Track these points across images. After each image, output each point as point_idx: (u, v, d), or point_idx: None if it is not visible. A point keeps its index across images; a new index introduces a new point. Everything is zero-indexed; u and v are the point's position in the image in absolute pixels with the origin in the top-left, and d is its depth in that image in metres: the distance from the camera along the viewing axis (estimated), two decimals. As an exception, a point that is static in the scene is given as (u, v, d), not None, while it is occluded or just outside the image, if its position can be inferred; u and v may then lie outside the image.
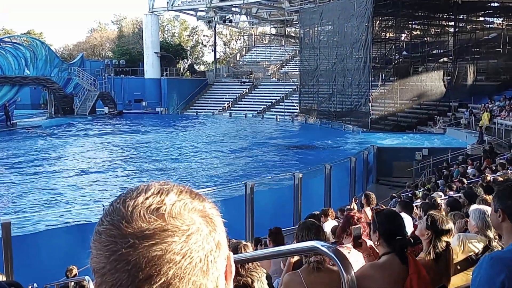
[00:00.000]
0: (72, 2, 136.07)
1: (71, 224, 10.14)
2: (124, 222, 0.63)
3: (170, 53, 52.33)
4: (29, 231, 10.14)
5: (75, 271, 7.18)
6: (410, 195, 11.65)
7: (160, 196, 0.66)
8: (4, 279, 4.96)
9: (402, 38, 36.61)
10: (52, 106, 40.11)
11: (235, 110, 44.59)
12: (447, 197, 7.74)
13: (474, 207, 3.91)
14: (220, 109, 45.30)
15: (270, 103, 44.03)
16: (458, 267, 3.35)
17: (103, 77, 45.30)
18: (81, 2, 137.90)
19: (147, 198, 0.65)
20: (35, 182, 16.97)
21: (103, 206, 8.35)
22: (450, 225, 3.16)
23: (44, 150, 23.91)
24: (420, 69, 33.53)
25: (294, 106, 40.40)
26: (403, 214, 4.16)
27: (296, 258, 3.61)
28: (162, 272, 0.61)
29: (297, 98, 40.19)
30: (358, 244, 2.95)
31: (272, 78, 49.42)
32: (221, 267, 0.68)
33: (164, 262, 0.61)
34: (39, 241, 8.79)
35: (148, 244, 0.62)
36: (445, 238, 3.07)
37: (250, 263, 2.96)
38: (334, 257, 1.79)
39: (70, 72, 41.51)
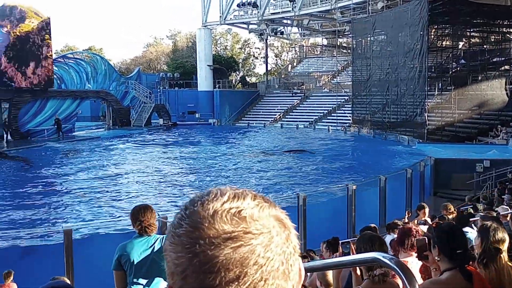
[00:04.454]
0: (130, 19, 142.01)
1: (128, 231, 10.38)
2: (206, 224, 0.63)
3: (223, 65, 53.23)
4: (87, 236, 10.49)
5: None
6: (470, 208, 11.12)
7: (237, 200, 0.67)
8: (69, 282, 5.15)
9: (460, 46, 35.33)
10: (110, 118, 41.75)
11: (286, 121, 44.59)
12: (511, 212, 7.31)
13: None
14: (271, 120, 45.44)
15: (322, 114, 43.69)
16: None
17: (158, 90, 46.71)
18: (138, 19, 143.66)
19: (225, 202, 0.66)
20: (94, 189, 17.63)
21: (158, 215, 8.50)
22: (504, 235, 2.95)
23: (103, 159, 24.86)
24: (479, 78, 32.17)
25: (347, 116, 39.86)
26: (468, 229, 3.96)
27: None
28: (249, 274, 0.61)
29: (350, 109, 39.65)
30: (423, 256, 2.82)
31: (324, 88, 49.08)
32: (297, 271, 0.68)
33: (250, 264, 0.62)
34: (97, 246, 9.08)
35: (234, 246, 0.62)
36: (501, 247, 2.87)
37: None
38: (397, 269, 1.72)
39: (127, 86, 43.10)
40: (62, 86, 37.12)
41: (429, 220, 6.92)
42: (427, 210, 7.37)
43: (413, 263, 3.25)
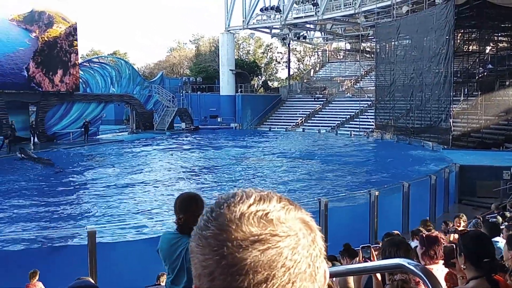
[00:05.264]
0: (154, 24, 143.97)
1: (151, 236, 10.49)
2: (234, 227, 0.64)
3: (245, 70, 53.43)
4: (111, 240, 10.63)
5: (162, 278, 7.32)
6: (498, 216, 10.84)
7: (263, 203, 0.67)
8: (93, 282, 5.23)
9: (487, 51, 34.64)
10: (133, 122, 42.29)
11: (308, 125, 44.43)
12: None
13: None
14: (293, 125, 45.35)
15: (344, 119, 43.39)
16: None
17: (181, 94, 47.17)
18: (162, 24, 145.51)
19: (251, 205, 0.67)
20: (118, 192, 17.86)
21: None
22: None
23: (130, 162, 25.19)
24: (507, 83, 31.49)
25: (370, 122, 39.48)
26: (499, 238, 3.86)
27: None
28: (276, 276, 0.62)
29: (373, 114, 39.26)
30: (450, 264, 2.76)
31: (347, 93, 48.74)
32: (323, 274, 0.69)
33: (278, 266, 0.62)
34: (120, 250, 9.18)
35: (262, 248, 0.62)
36: None
37: None
38: (423, 276, 1.69)
39: (151, 90, 43.63)
40: (87, 90, 37.81)
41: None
42: (463, 219, 7.18)
43: (438, 271, 3.19)
